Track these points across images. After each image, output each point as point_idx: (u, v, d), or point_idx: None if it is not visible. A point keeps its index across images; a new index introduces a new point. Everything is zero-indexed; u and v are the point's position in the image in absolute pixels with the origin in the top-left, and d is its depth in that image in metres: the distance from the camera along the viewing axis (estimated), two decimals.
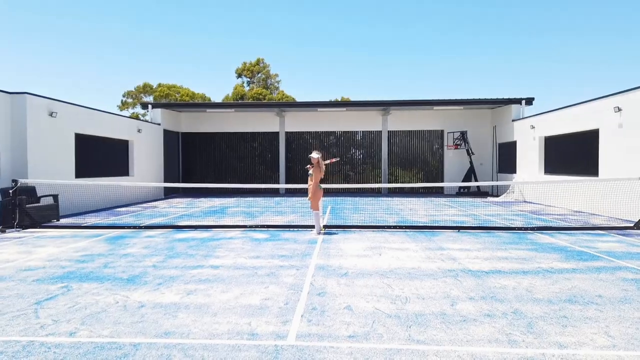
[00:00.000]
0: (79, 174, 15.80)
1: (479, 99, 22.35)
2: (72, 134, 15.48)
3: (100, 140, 17.61)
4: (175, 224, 11.88)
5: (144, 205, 18.03)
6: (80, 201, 15.16)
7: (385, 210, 15.14)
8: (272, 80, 56.05)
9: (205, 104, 23.45)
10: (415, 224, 11.42)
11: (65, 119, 15.13)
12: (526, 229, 10.42)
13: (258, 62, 55.28)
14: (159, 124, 22.62)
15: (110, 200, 17.35)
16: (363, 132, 25.71)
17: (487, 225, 11.42)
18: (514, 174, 21.31)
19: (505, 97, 22.07)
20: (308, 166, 10.27)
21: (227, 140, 25.96)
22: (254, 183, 25.87)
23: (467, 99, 22.51)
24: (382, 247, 8.51)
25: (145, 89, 46.39)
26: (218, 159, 26.01)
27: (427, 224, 11.48)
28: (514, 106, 21.96)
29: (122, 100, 43.86)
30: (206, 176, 25.98)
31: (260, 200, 19.67)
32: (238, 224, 11.37)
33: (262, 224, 11.32)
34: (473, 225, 11.05)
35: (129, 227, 10.90)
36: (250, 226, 10.80)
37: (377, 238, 9.49)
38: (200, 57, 76.30)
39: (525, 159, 20.26)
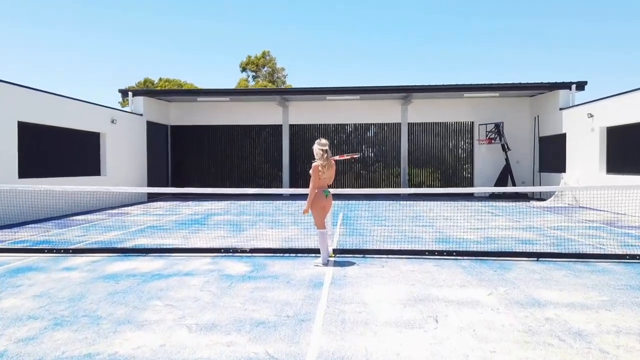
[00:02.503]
0: (25, 173, 12.54)
1: (519, 83, 18.77)
2: (13, 123, 12.22)
3: (59, 132, 14.34)
4: (122, 245, 8.52)
5: (114, 211, 14.73)
6: (25, 208, 11.88)
7: (414, 220, 11.68)
8: (279, 74, 52.87)
9: (195, 91, 20.17)
10: (468, 249, 7.93)
11: (4, 104, 11.88)
12: None
13: (264, 55, 52.12)
14: (141, 115, 19.34)
15: (72, 206, 14.04)
16: (379, 124, 22.22)
17: (574, 251, 7.91)
18: (562, 173, 17.70)
19: (550, 82, 18.48)
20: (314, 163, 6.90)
21: (224, 135, 22.60)
22: (254, 183, 22.52)
23: (504, 84, 18.93)
24: (432, 297, 5.06)
25: (146, 84, 43.30)
26: (213, 156, 22.66)
27: (484, 249, 7.99)
28: (561, 92, 18.33)
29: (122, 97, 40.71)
30: (199, 175, 22.67)
31: (257, 205, 16.29)
32: (211, 245, 7.96)
33: (243, 246, 7.91)
34: (556, 252, 7.52)
35: (46, 252, 7.55)
36: (227, 250, 7.39)
37: (418, 275, 6.04)
38: (203, 52, 73.24)
39: (579, 154, 16.65)
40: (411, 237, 9.07)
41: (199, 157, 22.67)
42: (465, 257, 7.03)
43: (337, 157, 7.18)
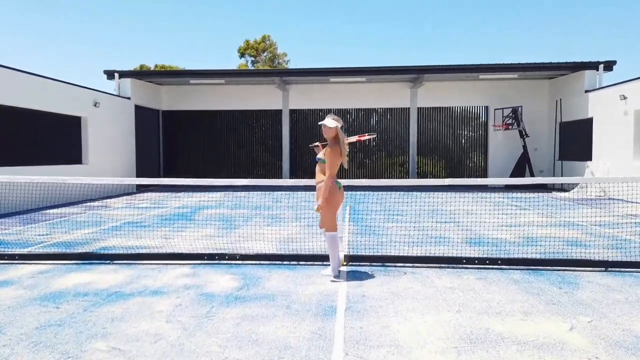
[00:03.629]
0: None
1: (540, 63, 17.17)
2: None
3: (33, 116, 12.80)
4: (86, 249, 7.06)
5: (95, 204, 13.24)
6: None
7: (432, 215, 10.19)
8: (280, 60, 51.09)
9: (187, 72, 18.55)
10: (510, 254, 6.45)
11: None
12: None
13: (264, 39, 50.25)
14: (129, 98, 17.76)
15: (48, 197, 12.50)
16: (387, 109, 20.64)
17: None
18: (588, 162, 16.17)
19: (574, 61, 16.88)
20: (315, 144, 5.39)
21: (220, 121, 21.01)
22: (252, 172, 21.01)
23: (524, 64, 17.33)
24: (493, 335, 3.56)
25: (142, 70, 41.60)
26: (208, 144, 21.10)
27: (530, 254, 6.51)
28: (587, 73, 16.73)
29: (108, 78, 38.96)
30: (194, 164, 21.15)
31: (254, 196, 14.79)
32: (194, 249, 6.47)
33: (233, 251, 6.42)
34: (629, 260, 6.01)
35: None
36: (212, 256, 5.90)
37: (460, 294, 4.56)
38: (201, 38, 71.26)
39: (609, 141, 15.11)
40: (435, 236, 7.58)
41: (193, 144, 21.12)
42: (513, 267, 5.54)
43: (354, 139, 5.66)
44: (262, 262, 5.81)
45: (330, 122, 5.00)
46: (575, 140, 17.45)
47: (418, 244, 6.83)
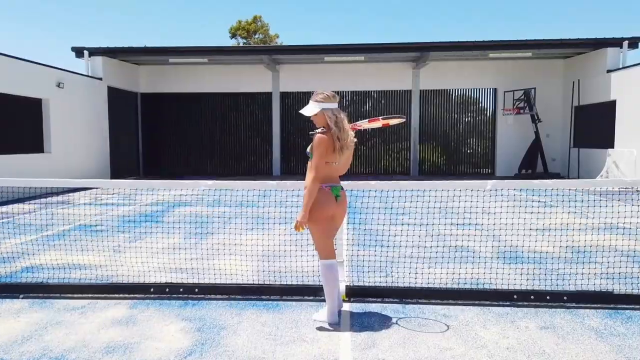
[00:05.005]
0: None
1: (557, 39, 15.51)
2: None
3: None
4: (3, 268, 5.41)
5: (57, 198, 11.54)
6: None
7: (444, 215, 8.59)
8: (272, 41, 49.02)
9: (166, 50, 16.63)
10: (579, 284, 4.86)
11: None
12: None
13: (255, 20, 48.19)
14: (100, 79, 15.94)
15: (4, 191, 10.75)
16: (386, 91, 18.94)
17: None
18: (609, 150, 14.61)
19: (595, 37, 15.23)
20: (317, 131, 3.68)
21: (205, 104, 19.22)
22: (241, 160, 19.33)
23: (540, 40, 15.67)
24: None
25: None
26: (192, 129, 19.33)
27: (604, 283, 4.92)
28: (610, 51, 15.09)
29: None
30: (177, 152, 19.42)
31: (237, 191, 13.14)
32: (141, 275, 4.82)
33: (194, 275, 4.79)
34: None
35: None
36: (161, 289, 4.24)
37: (524, 358, 2.98)
38: (189, 21, 68.71)
39: (635, 126, 13.55)
40: (455, 247, 5.98)
41: (176, 130, 19.34)
42: (585, 305, 3.95)
43: (366, 124, 3.99)
44: (230, 298, 4.17)
45: (309, 110, 3.43)
46: (594, 126, 15.87)
47: (437, 261, 5.23)
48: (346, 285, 4.13)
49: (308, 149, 3.48)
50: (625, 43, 14.92)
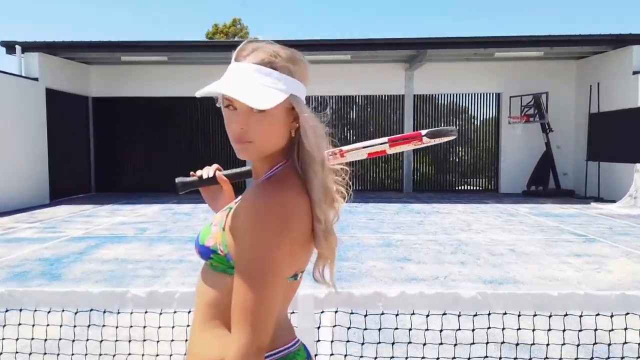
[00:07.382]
0: None
1: (573, 35, 13.47)
2: None
3: None
4: None
5: None
6: None
7: (456, 256, 6.25)
8: None
9: (117, 45, 14.06)
10: None
11: None
12: None
13: (234, 22, 45.81)
14: (36, 80, 13.35)
15: None
16: (374, 96, 16.68)
17: None
18: (637, 164, 12.47)
19: (618, 33, 13.18)
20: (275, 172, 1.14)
21: (167, 110, 16.69)
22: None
23: (552, 36, 13.59)
24: None
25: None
26: (153, 139, 16.77)
27: None
28: (635, 49, 13.02)
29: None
30: (138, 165, 16.85)
31: (202, 209, 10.66)
32: None
33: None
34: None
35: None
36: None
37: None
38: (165, 22, 66.15)
39: None
40: (500, 331, 3.61)
41: (137, 139, 16.77)
42: None
43: (386, 147, 1.57)
44: None
45: (256, 94, 1.05)
46: (616, 136, 13.74)
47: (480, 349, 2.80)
48: None
49: (207, 237, 1.10)
50: None
